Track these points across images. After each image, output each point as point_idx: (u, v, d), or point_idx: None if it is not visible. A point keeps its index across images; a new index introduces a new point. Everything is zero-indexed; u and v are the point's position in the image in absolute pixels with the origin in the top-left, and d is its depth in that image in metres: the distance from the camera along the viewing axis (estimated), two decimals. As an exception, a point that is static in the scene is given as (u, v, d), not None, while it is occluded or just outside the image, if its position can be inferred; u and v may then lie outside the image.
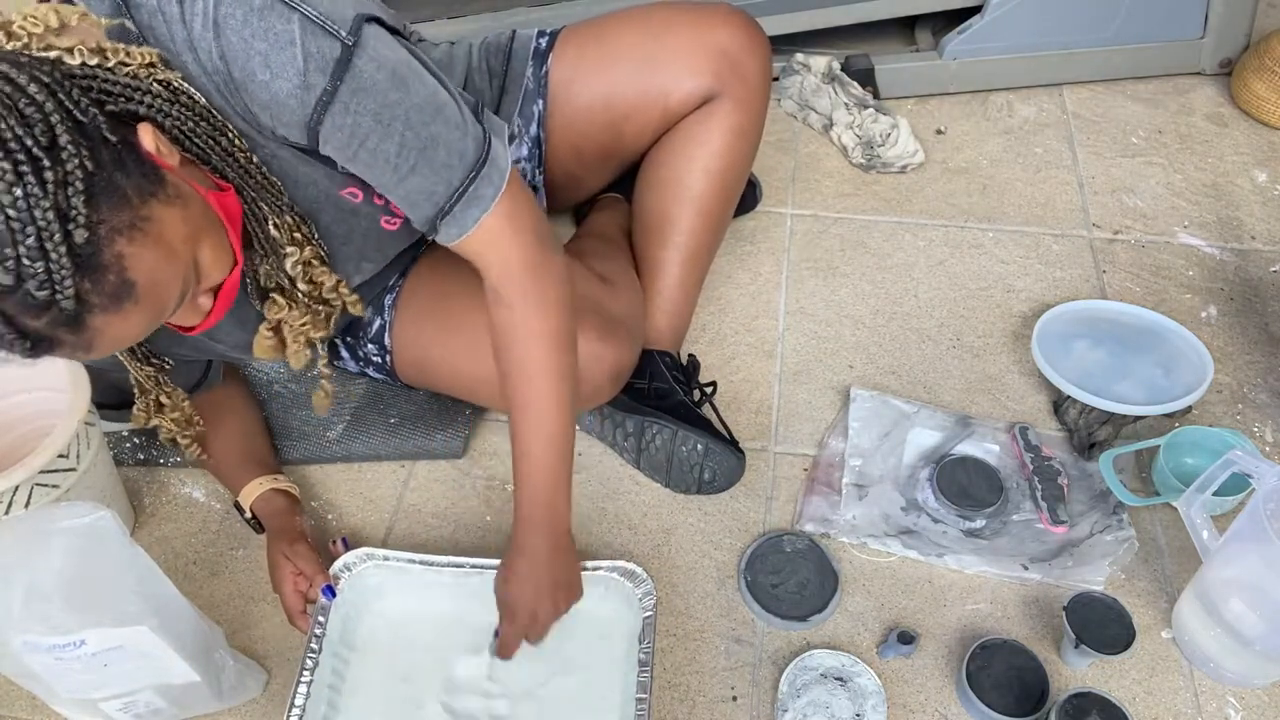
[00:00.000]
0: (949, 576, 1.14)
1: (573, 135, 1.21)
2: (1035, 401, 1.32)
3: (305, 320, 0.97)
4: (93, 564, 0.87)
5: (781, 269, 1.51)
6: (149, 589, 0.90)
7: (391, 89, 0.83)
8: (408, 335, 1.17)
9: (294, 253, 0.91)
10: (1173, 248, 1.52)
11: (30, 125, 0.63)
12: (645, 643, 1.01)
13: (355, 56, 0.80)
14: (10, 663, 0.90)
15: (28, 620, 0.85)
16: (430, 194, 0.89)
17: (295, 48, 0.77)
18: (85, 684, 0.93)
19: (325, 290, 0.97)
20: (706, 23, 1.18)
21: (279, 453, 1.25)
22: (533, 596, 1.00)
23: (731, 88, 1.17)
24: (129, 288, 0.68)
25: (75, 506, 0.88)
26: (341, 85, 0.80)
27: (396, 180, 0.87)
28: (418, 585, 1.09)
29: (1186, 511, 1.04)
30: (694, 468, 1.18)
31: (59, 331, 0.66)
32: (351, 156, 0.85)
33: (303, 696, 0.98)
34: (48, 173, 0.63)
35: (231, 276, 0.81)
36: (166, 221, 0.71)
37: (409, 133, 0.84)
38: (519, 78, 1.18)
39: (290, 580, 1.05)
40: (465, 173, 0.89)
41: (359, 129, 0.82)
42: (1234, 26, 1.75)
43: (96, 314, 0.67)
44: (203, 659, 0.97)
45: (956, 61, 1.75)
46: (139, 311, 0.70)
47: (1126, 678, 1.05)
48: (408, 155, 0.85)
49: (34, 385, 1.16)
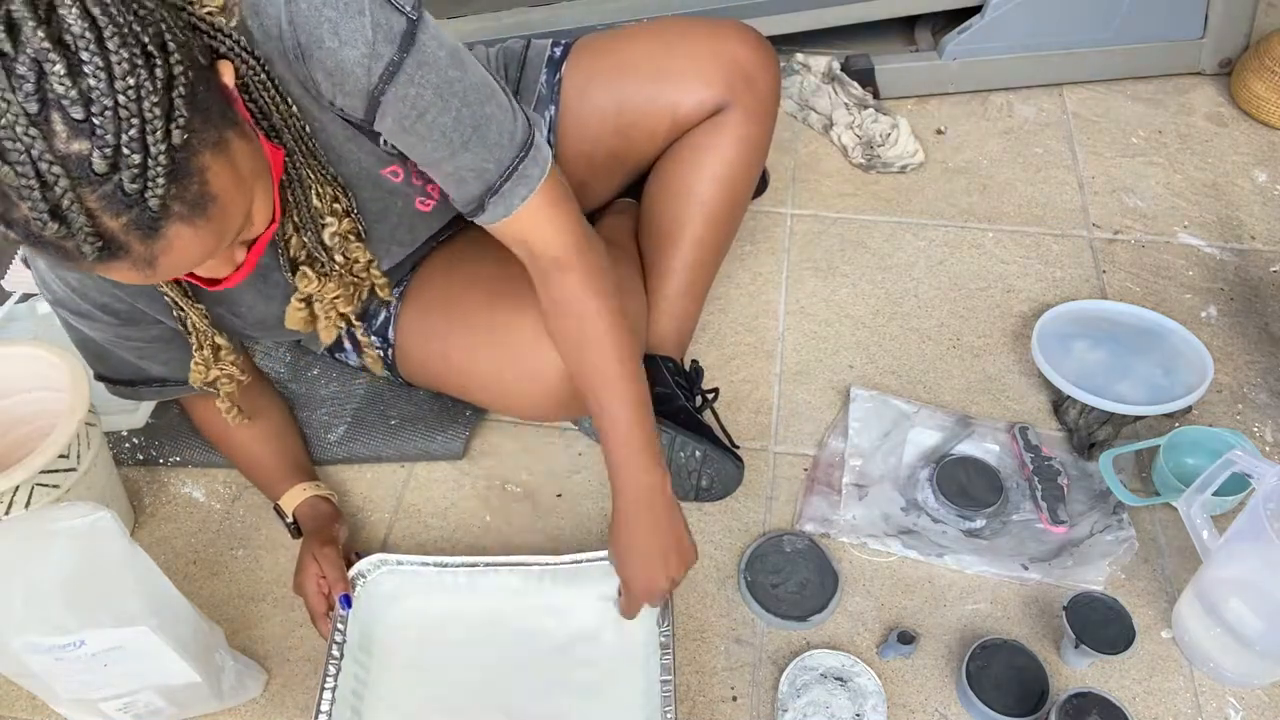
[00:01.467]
0: (949, 576, 1.14)
1: (584, 142, 1.22)
2: (1035, 401, 1.32)
3: (338, 293, 0.98)
4: (93, 564, 0.87)
5: (781, 269, 1.51)
6: (149, 589, 0.90)
7: (450, 66, 0.86)
8: (412, 329, 1.17)
9: (333, 223, 0.93)
10: (1173, 248, 1.52)
11: (145, 24, 0.63)
12: (665, 625, 1.02)
13: (419, 31, 0.83)
14: (10, 663, 0.90)
15: (28, 621, 0.85)
16: (481, 171, 0.91)
17: (364, 17, 0.80)
18: (85, 684, 0.93)
19: (358, 268, 0.99)
20: (720, 35, 1.19)
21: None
22: (644, 570, 1.01)
23: (743, 98, 1.18)
24: (208, 200, 0.69)
25: (75, 507, 0.88)
26: (408, 57, 0.82)
27: (449, 154, 0.89)
28: (433, 587, 1.09)
29: (1186, 511, 1.04)
30: (692, 474, 1.18)
31: (133, 237, 0.66)
32: (408, 128, 0.87)
33: (328, 703, 0.98)
34: (159, 69, 0.63)
35: (266, 232, 0.82)
36: (239, 151, 0.72)
37: (465, 109, 0.87)
38: (532, 84, 1.19)
39: (314, 580, 1.06)
40: (515, 152, 0.92)
41: (420, 100, 0.85)
42: (1234, 26, 1.75)
43: (174, 222, 0.67)
44: (203, 659, 0.97)
45: (956, 61, 1.75)
46: (208, 229, 0.70)
47: (1126, 678, 1.06)
48: (462, 130, 0.88)
49: (34, 385, 1.16)
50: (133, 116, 0.62)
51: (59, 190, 0.62)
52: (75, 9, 0.60)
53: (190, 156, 0.66)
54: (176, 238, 0.68)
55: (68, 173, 0.62)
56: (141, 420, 1.29)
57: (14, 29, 0.60)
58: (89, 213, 0.64)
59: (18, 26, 0.60)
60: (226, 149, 0.70)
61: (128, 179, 0.63)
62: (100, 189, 0.63)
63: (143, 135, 0.63)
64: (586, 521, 1.20)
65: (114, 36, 0.61)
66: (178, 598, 0.93)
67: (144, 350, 1.04)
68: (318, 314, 1.00)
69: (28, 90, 0.60)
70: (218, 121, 0.69)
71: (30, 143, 0.61)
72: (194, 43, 0.69)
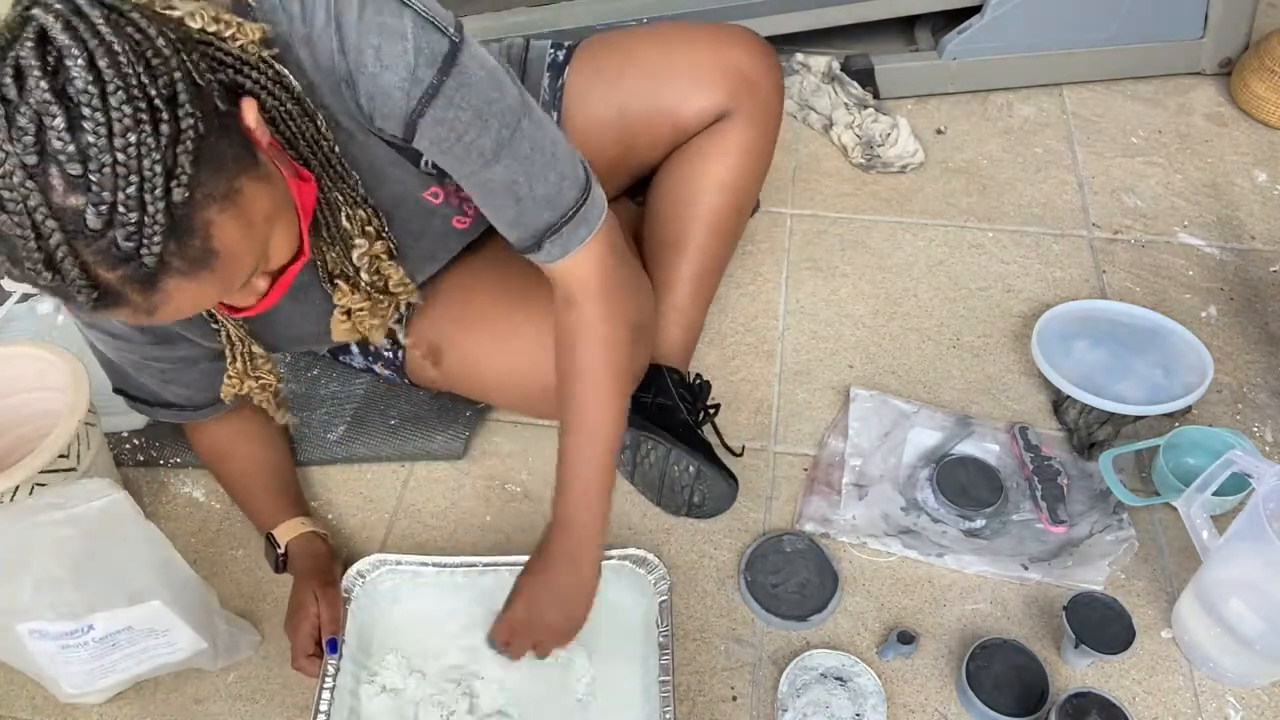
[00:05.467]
0: (949, 576, 1.14)
1: (585, 147, 1.21)
2: (1035, 401, 1.32)
3: (363, 307, 0.98)
4: (105, 546, 0.87)
5: (781, 269, 1.51)
6: (161, 563, 0.90)
7: (490, 87, 0.85)
8: (425, 332, 1.17)
9: (363, 245, 0.93)
10: (1173, 248, 1.52)
11: (155, 75, 0.63)
12: (664, 626, 1.03)
13: (460, 53, 0.82)
14: (15, 651, 0.90)
15: (37, 607, 0.85)
16: (542, 201, 0.90)
17: (407, 42, 0.79)
18: (89, 674, 0.94)
19: (392, 284, 0.99)
20: (723, 42, 1.19)
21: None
22: (531, 608, 1.00)
23: (745, 105, 1.18)
24: (210, 256, 0.68)
25: (89, 485, 0.88)
26: (448, 80, 0.82)
27: (482, 167, 0.88)
28: (432, 587, 1.10)
29: (1186, 511, 1.04)
30: (685, 489, 1.17)
31: (130, 289, 0.66)
32: (446, 150, 0.86)
33: (326, 702, 0.98)
34: (164, 126, 0.63)
35: (293, 265, 0.81)
36: (254, 197, 0.71)
37: (504, 130, 0.86)
38: (535, 87, 1.19)
39: (311, 621, 1.03)
40: (577, 195, 0.92)
41: (459, 122, 0.84)
42: (1234, 26, 1.75)
43: (173, 277, 0.67)
44: (206, 624, 0.99)
45: (956, 61, 1.75)
46: (212, 281, 0.70)
47: (1126, 678, 1.06)
48: (501, 151, 0.87)
49: (34, 385, 1.16)
50: (131, 174, 0.62)
51: (53, 243, 0.62)
52: (82, 60, 0.60)
53: (193, 213, 0.66)
54: (176, 291, 0.68)
55: (62, 226, 0.62)
56: (142, 420, 1.29)
57: (20, 77, 0.60)
58: (83, 265, 0.64)
59: (24, 75, 0.60)
60: (237, 199, 0.69)
61: (122, 236, 0.63)
62: (96, 244, 0.63)
63: (140, 194, 0.62)
64: (586, 521, 1.20)
65: (118, 91, 0.61)
66: (184, 567, 0.94)
67: (168, 373, 1.04)
68: (355, 324, 1.00)
69: (27, 142, 0.60)
70: (231, 170, 0.68)
71: (26, 194, 0.61)
72: (213, 86, 0.68)
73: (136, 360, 1.02)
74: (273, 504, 1.13)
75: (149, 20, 0.65)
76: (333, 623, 1.03)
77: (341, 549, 1.18)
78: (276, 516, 1.11)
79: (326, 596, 1.04)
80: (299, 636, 1.03)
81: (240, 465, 1.15)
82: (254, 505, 1.15)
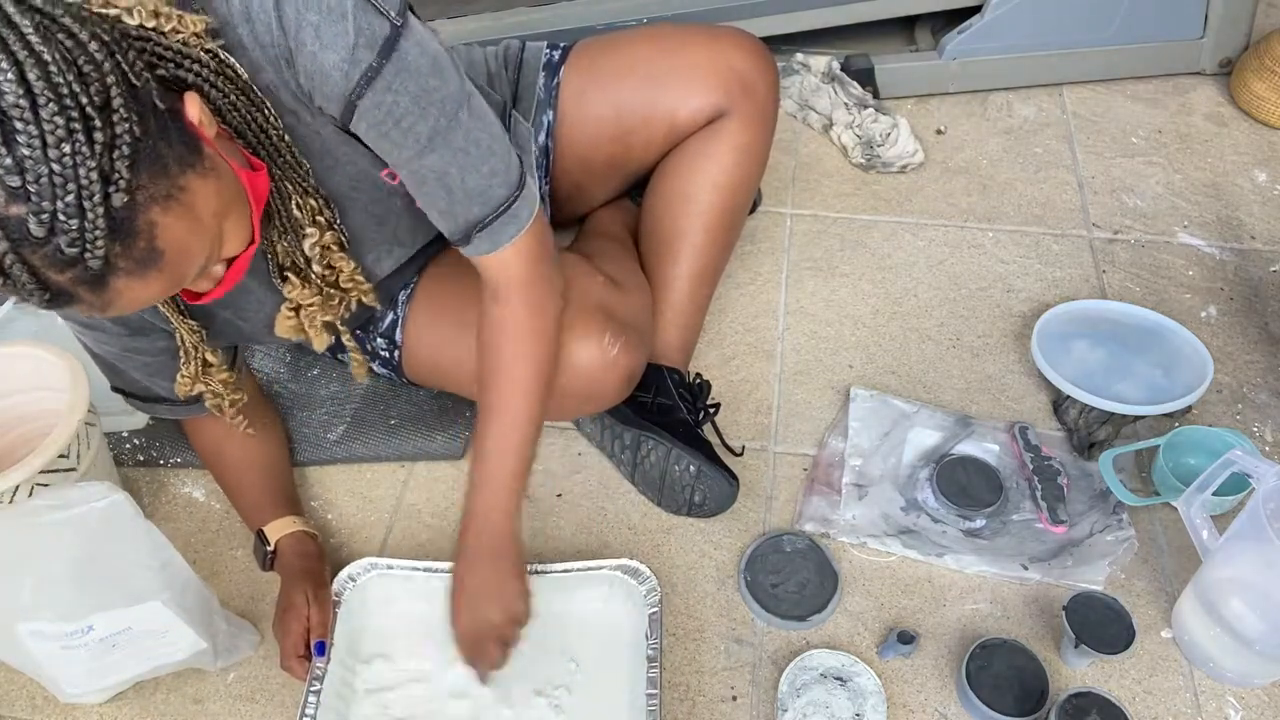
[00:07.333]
0: (949, 576, 1.14)
1: (581, 146, 1.22)
2: (1035, 401, 1.32)
3: (314, 302, 0.97)
4: (105, 546, 0.87)
5: (781, 269, 1.51)
6: (161, 563, 0.90)
7: (431, 75, 0.85)
8: (420, 331, 1.17)
9: (314, 234, 0.92)
10: (1173, 248, 1.52)
11: (87, 84, 0.63)
12: (653, 639, 1.02)
13: (402, 38, 0.82)
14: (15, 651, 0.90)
15: (37, 607, 0.85)
16: (483, 193, 0.91)
17: (347, 21, 0.79)
18: (90, 673, 0.93)
19: (342, 278, 0.98)
20: (720, 43, 1.19)
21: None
22: (470, 614, 0.99)
23: (741, 106, 1.18)
24: (156, 255, 0.69)
25: (90, 488, 0.88)
26: (387, 64, 0.81)
27: (416, 155, 0.88)
28: (423, 592, 1.09)
29: (1186, 511, 1.04)
30: (685, 488, 1.17)
31: (80, 289, 0.67)
32: (383, 135, 0.86)
33: (313, 706, 0.98)
34: (98, 133, 0.63)
35: (246, 252, 0.82)
36: (199, 193, 0.72)
37: (441, 119, 0.86)
38: (530, 87, 1.19)
39: (302, 622, 1.03)
40: (509, 191, 0.92)
41: (397, 107, 0.84)
42: (1234, 26, 1.75)
43: (120, 277, 0.68)
44: (206, 624, 0.99)
45: (956, 61, 1.75)
46: (161, 278, 0.71)
47: (1126, 678, 1.06)
48: (436, 139, 0.87)
49: (34, 385, 1.16)
50: (68, 183, 0.62)
51: (1, 249, 0.63)
52: (12, 74, 0.60)
53: (135, 215, 0.66)
54: (126, 289, 0.69)
55: (7, 234, 0.63)
56: (142, 420, 1.29)
57: None
58: (32, 269, 0.65)
59: None
60: (181, 196, 0.70)
61: (65, 243, 0.64)
62: (41, 250, 0.64)
63: (80, 201, 0.63)
64: (587, 522, 1.20)
65: (49, 104, 0.61)
66: (184, 567, 0.94)
67: (151, 366, 1.04)
68: (303, 322, 0.99)
69: None
70: (173, 170, 0.69)
71: None
72: (150, 85, 0.68)
73: (117, 353, 1.02)
74: (264, 501, 1.13)
75: (81, 24, 0.65)
76: (323, 625, 1.03)
77: (341, 549, 1.18)
78: (267, 514, 1.11)
79: (319, 598, 1.04)
80: (290, 637, 1.02)
81: (234, 461, 1.15)
82: (246, 502, 1.15)
